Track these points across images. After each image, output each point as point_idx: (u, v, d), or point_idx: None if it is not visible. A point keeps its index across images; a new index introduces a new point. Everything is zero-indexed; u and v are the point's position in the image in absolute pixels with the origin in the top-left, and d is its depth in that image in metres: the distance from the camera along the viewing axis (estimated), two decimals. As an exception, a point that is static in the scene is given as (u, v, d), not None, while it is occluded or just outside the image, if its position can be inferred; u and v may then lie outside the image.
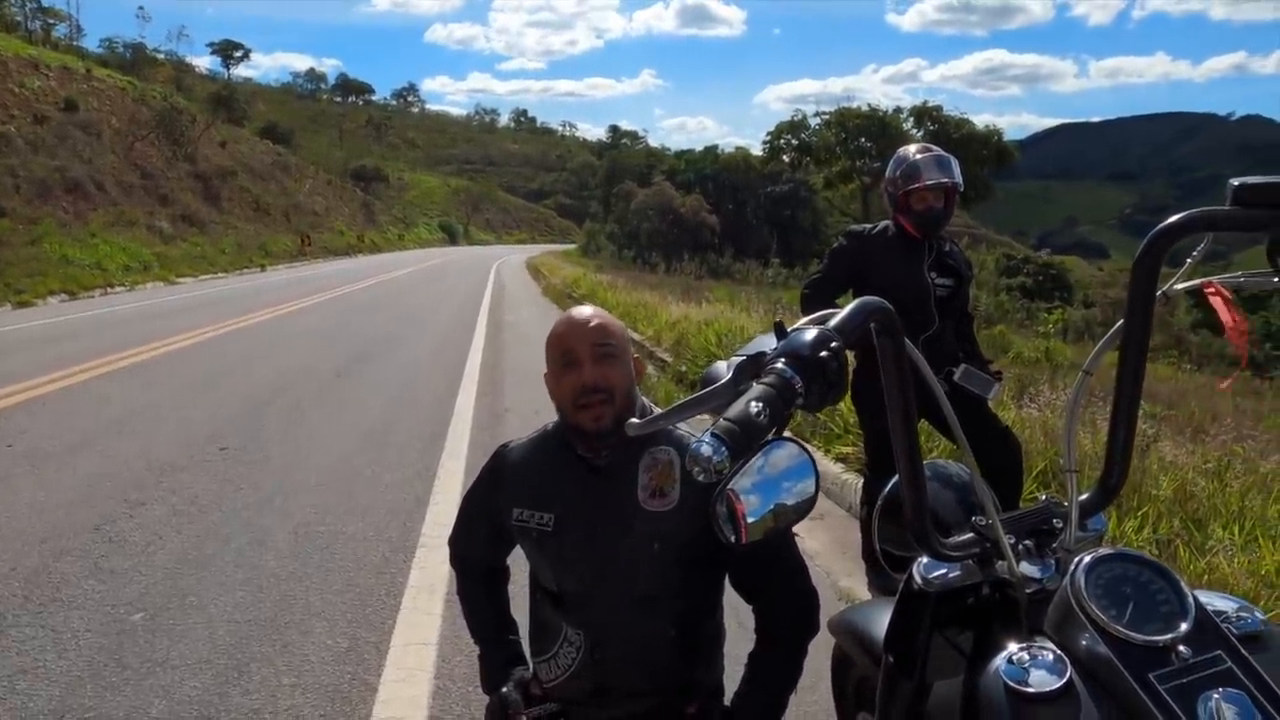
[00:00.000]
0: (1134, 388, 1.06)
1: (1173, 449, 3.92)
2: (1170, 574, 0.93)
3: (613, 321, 1.53)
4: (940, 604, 1.17)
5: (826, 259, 3.33)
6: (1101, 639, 0.88)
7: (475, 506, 1.71)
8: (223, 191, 38.69)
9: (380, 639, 2.73)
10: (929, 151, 3.11)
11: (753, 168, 47.53)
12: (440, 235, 78.54)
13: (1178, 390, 12.17)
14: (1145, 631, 0.87)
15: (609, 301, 13.79)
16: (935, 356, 3.11)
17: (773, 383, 0.78)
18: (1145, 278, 1.01)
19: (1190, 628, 0.87)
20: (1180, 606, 0.89)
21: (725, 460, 0.73)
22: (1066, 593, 0.94)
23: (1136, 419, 1.09)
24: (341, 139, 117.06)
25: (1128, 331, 1.04)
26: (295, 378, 7.62)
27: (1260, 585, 2.48)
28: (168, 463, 4.73)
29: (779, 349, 0.82)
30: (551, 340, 1.51)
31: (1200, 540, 2.92)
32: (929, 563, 1.14)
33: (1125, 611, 0.90)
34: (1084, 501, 1.10)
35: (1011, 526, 1.10)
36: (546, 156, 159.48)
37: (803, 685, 2.23)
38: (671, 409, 0.89)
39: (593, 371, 1.47)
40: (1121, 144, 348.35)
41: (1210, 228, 0.99)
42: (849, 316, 0.88)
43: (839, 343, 0.83)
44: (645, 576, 1.53)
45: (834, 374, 0.80)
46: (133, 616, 2.87)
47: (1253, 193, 0.95)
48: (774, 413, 0.76)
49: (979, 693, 0.94)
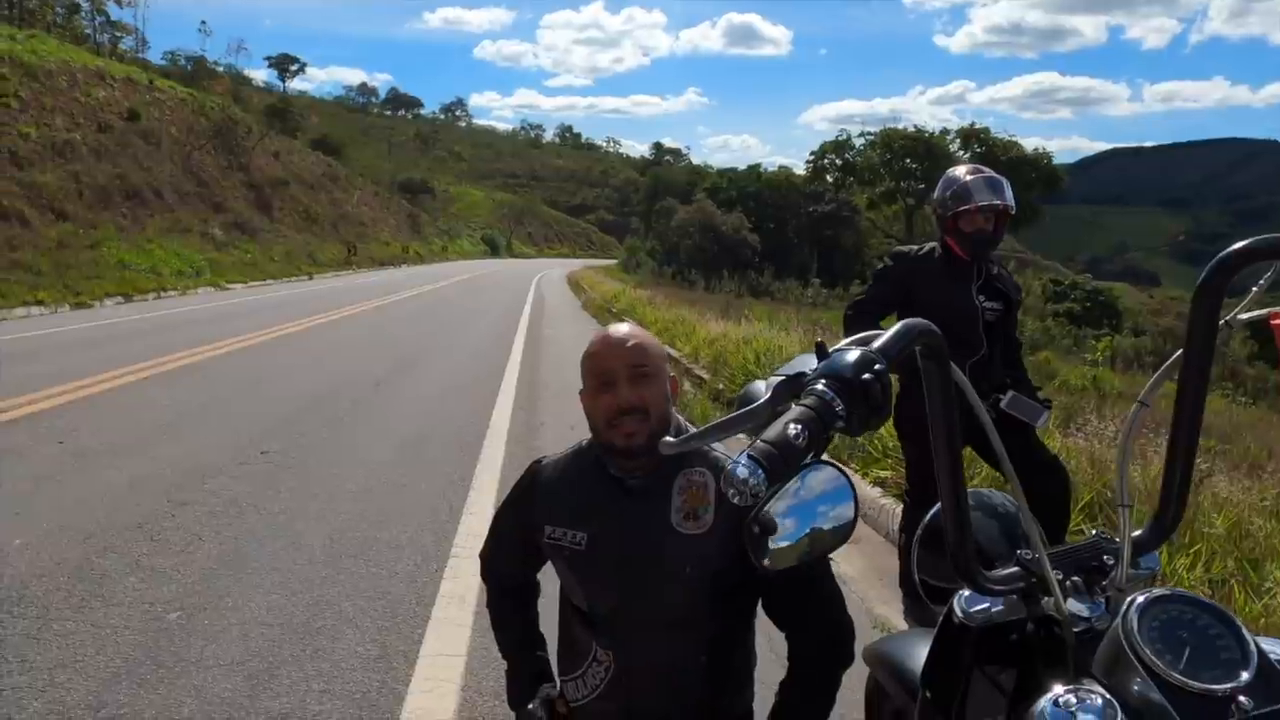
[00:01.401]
0: (1193, 421, 1.01)
1: (1228, 485, 3.77)
2: (1231, 618, 0.88)
3: (649, 340, 1.52)
4: (981, 639, 1.12)
5: (872, 280, 3.29)
6: (1155, 685, 0.84)
7: (507, 522, 1.71)
8: (274, 201, 39.69)
9: (410, 648, 2.74)
10: (980, 173, 3.05)
11: (795, 187, 47.39)
12: (483, 248, 79.57)
13: (1233, 424, 11.78)
14: (1203, 679, 0.83)
15: (647, 318, 13.80)
16: (982, 382, 3.04)
17: (812, 404, 0.75)
18: (1207, 306, 0.97)
19: (1252, 677, 0.82)
20: (1242, 654, 0.85)
21: (762, 483, 0.71)
22: (1118, 634, 0.89)
23: (1195, 454, 1.04)
24: (390, 151, 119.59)
25: (1187, 361, 0.99)
26: (337, 385, 7.73)
27: (1321, 631, 2.36)
28: (211, 465, 4.82)
29: (820, 369, 0.80)
30: (587, 360, 1.50)
31: (1256, 581, 2.80)
32: (970, 596, 1.09)
33: (1181, 657, 0.85)
34: (1137, 538, 1.05)
35: (1059, 561, 1.05)
36: (590, 172, 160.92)
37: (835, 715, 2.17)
38: (707, 428, 0.87)
39: (629, 392, 1.45)
40: (1175, 170, 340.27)
41: (1276, 256, 0.94)
42: (893, 338, 0.85)
43: (883, 365, 0.80)
44: (676, 600, 1.51)
45: (877, 397, 0.78)
46: (170, 615, 2.91)
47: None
48: (813, 435, 0.74)
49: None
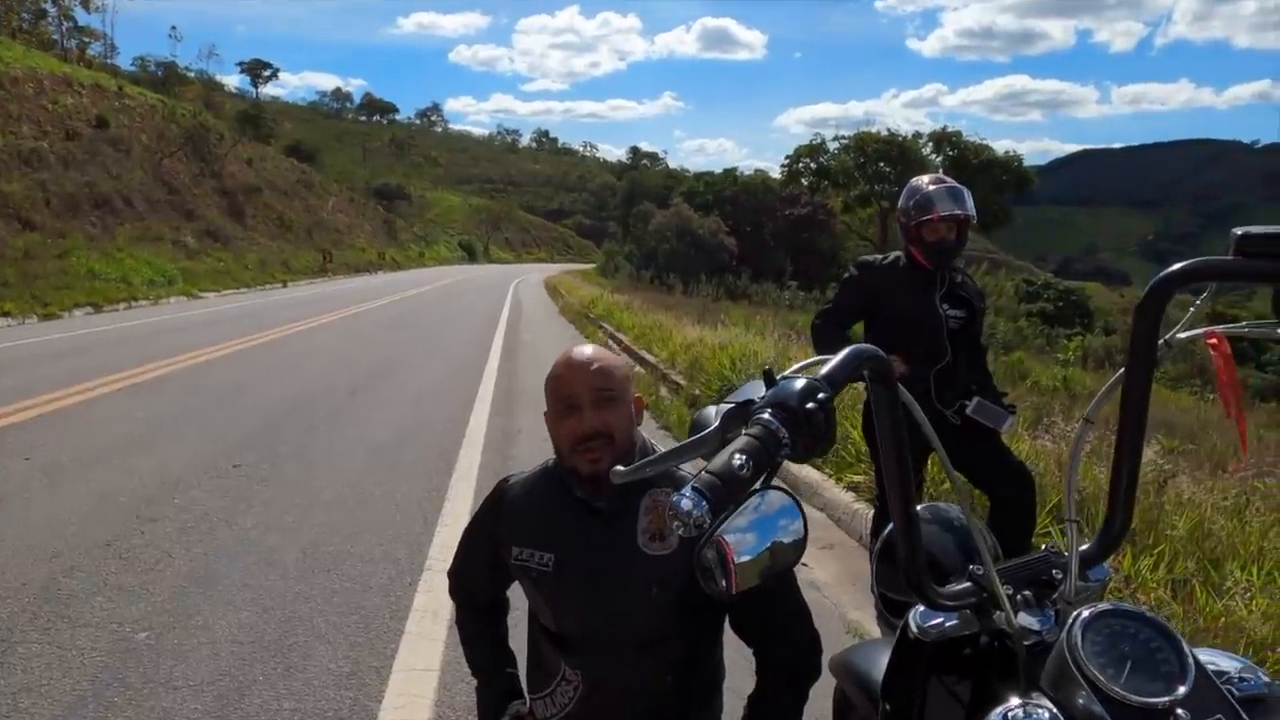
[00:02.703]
0: (1136, 436, 1.03)
1: (1190, 485, 3.85)
2: (1171, 632, 0.90)
3: (614, 362, 1.52)
4: (937, 653, 1.14)
5: (838, 290, 3.32)
6: (1097, 699, 0.86)
7: (475, 540, 1.70)
8: (247, 208, 39.27)
9: (382, 664, 2.72)
10: (942, 183, 3.09)
11: (771, 190, 47.61)
12: (460, 253, 79.16)
13: (1200, 421, 11.99)
14: (1143, 693, 0.85)
15: (624, 323, 13.81)
16: (948, 389, 3.08)
17: (757, 434, 0.77)
18: (1148, 325, 0.99)
19: (1190, 690, 0.85)
20: (1180, 667, 0.87)
21: (705, 514, 0.72)
22: (1063, 648, 0.91)
23: (1139, 467, 1.06)
24: (365, 157, 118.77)
25: (1129, 379, 1.02)
26: (311, 395, 7.67)
27: (1276, 624, 2.42)
28: (181, 479, 4.77)
29: (766, 398, 0.81)
30: (551, 383, 1.50)
31: (1217, 581, 2.85)
32: (925, 611, 1.11)
33: (1123, 671, 0.88)
34: (1085, 552, 1.08)
35: (1010, 576, 1.08)
36: (567, 177, 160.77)
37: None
38: (658, 456, 0.88)
39: (593, 417, 1.45)
40: (1143, 171, 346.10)
41: (1215, 277, 0.97)
42: (839, 365, 0.87)
43: (827, 394, 0.81)
44: (644, 621, 1.51)
45: (820, 426, 0.79)
46: (138, 635, 2.88)
47: (1257, 243, 0.94)
48: (758, 464, 0.75)
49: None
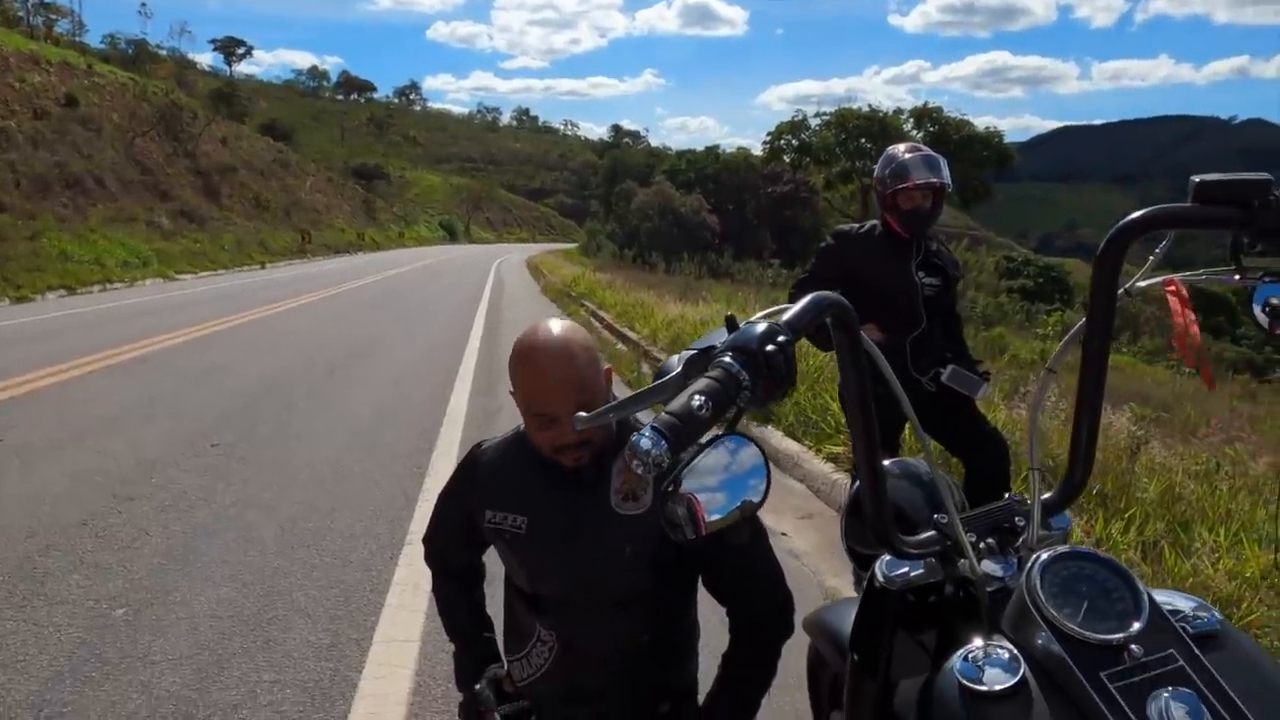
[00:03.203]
0: (1096, 386, 1.05)
1: (1162, 451, 3.91)
2: (1127, 573, 0.92)
3: (584, 360, 1.42)
4: (905, 602, 1.16)
5: (815, 259, 3.33)
6: (1055, 638, 0.88)
7: (449, 506, 1.70)
8: (223, 188, 38.70)
9: (363, 635, 2.73)
10: (918, 151, 3.10)
11: (753, 168, 47.53)
12: (441, 233, 78.55)
13: (1174, 393, 12.17)
14: (1099, 630, 0.87)
15: (607, 301, 13.78)
16: (923, 356, 3.11)
17: (717, 376, 0.77)
18: (1107, 275, 1.00)
19: (1144, 626, 0.86)
20: (1135, 605, 0.89)
21: (664, 453, 0.72)
22: (1022, 591, 0.93)
23: (1099, 417, 1.08)
24: (343, 137, 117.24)
25: (1089, 329, 1.03)
26: (290, 375, 7.61)
27: (1244, 588, 2.47)
28: (158, 459, 4.73)
29: (727, 343, 0.81)
30: (524, 391, 1.43)
31: (1186, 542, 2.91)
32: (891, 560, 1.13)
33: (1080, 610, 0.89)
34: (1047, 500, 1.10)
35: (974, 524, 1.09)
36: (548, 155, 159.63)
37: (784, 685, 2.23)
38: (622, 401, 0.88)
39: (572, 428, 1.41)
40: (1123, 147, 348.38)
41: (1172, 225, 0.98)
42: (801, 311, 0.87)
43: (787, 337, 0.82)
44: (618, 581, 1.52)
45: (780, 368, 0.79)
46: (115, 612, 2.86)
47: (1214, 190, 0.95)
48: (717, 406, 0.75)
49: (934, 690, 0.93)
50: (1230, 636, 0.92)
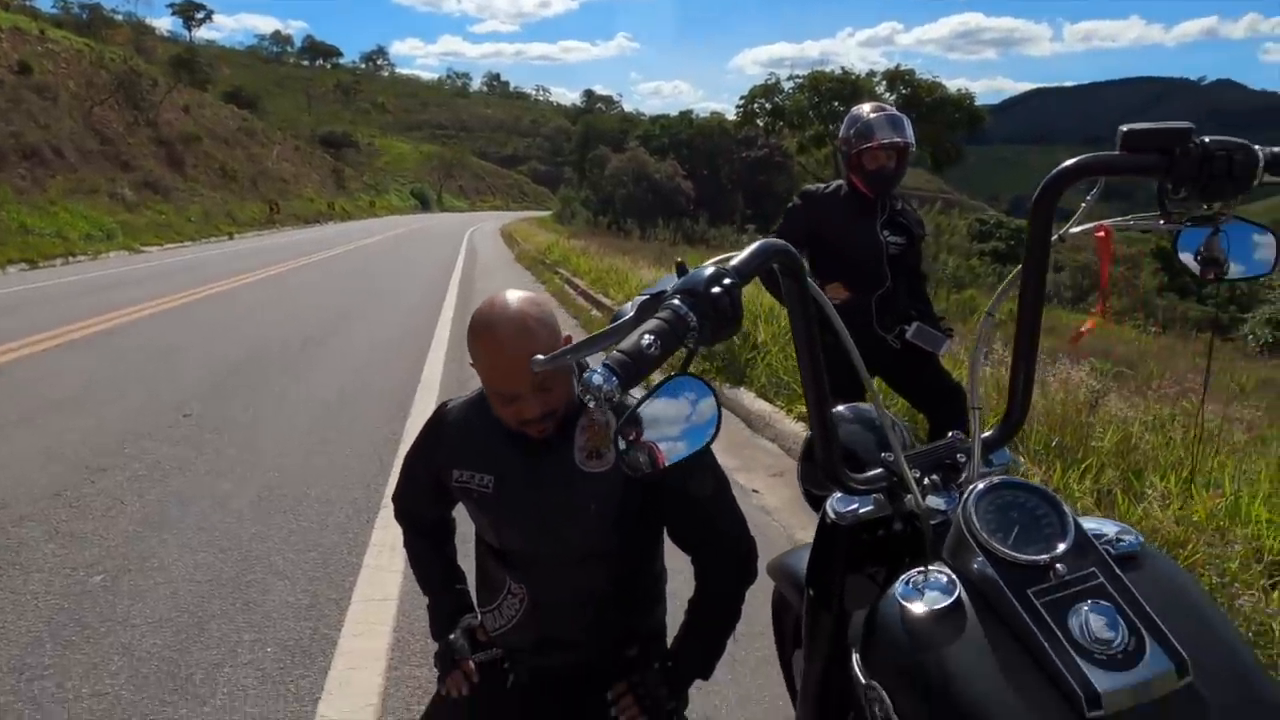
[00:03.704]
0: (1033, 328, 1.10)
1: (1121, 404, 4.03)
2: (1055, 500, 0.98)
3: (542, 334, 1.39)
4: (855, 538, 1.22)
5: (782, 218, 3.37)
6: (989, 561, 0.93)
7: (417, 464, 1.73)
8: (187, 158, 37.81)
9: (341, 595, 2.77)
10: (882, 111, 3.13)
11: (727, 133, 47.27)
12: (412, 202, 77.46)
13: (1139, 351, 12.43)
14: (1027, 552, 0.93)
15: (581, 268, 13.74)
16: (888, 314, 3.17)
17: (666, 317, 0.81)
18: (1042, 221, 1.05)
19: (1068, 548, 0.92)
20: (1062, 529, 0.95)
21: (615, 389, 0.76)
22: (959, 520, 0.99)
23: (1036, 358, 1.14)
24: (309, 104, 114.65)
25: (1025, 274, 1.08)
26: (262, 347, 7.56)
27: (1191, 530, 2.58)
28: (130, 430, 4.70)
29: (676, 286, 0.85)
30: (483, 370, 1.43)
31: (1139, 489, 3.02)
32: (841, 498, 1.19)
33: (1011, 535, 0.95)
34: (987, 438, 1.15)
35: (918, 462, 1.15)
36: (520, 121, 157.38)
37: (754, 631, 2.32)
38: (578, 344, 0.92)
39: (536, 403, 1.42)
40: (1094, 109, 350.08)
41: (1101, 172, 1.03)
42: (749, 257, 0.91)
43: (734, 280, 0.86)
44: (584, 535, 1.56)
45: (726, 309, 0.84)
46: (93, 578, 2.88)
47: (1140, 138, 1.00)
48: (665, 344, 0.80)
49: (878, 614, 0.99)
50: (1150, 557, 0.98)
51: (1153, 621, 0.87)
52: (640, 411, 0.84)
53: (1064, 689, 0.83)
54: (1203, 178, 0.96)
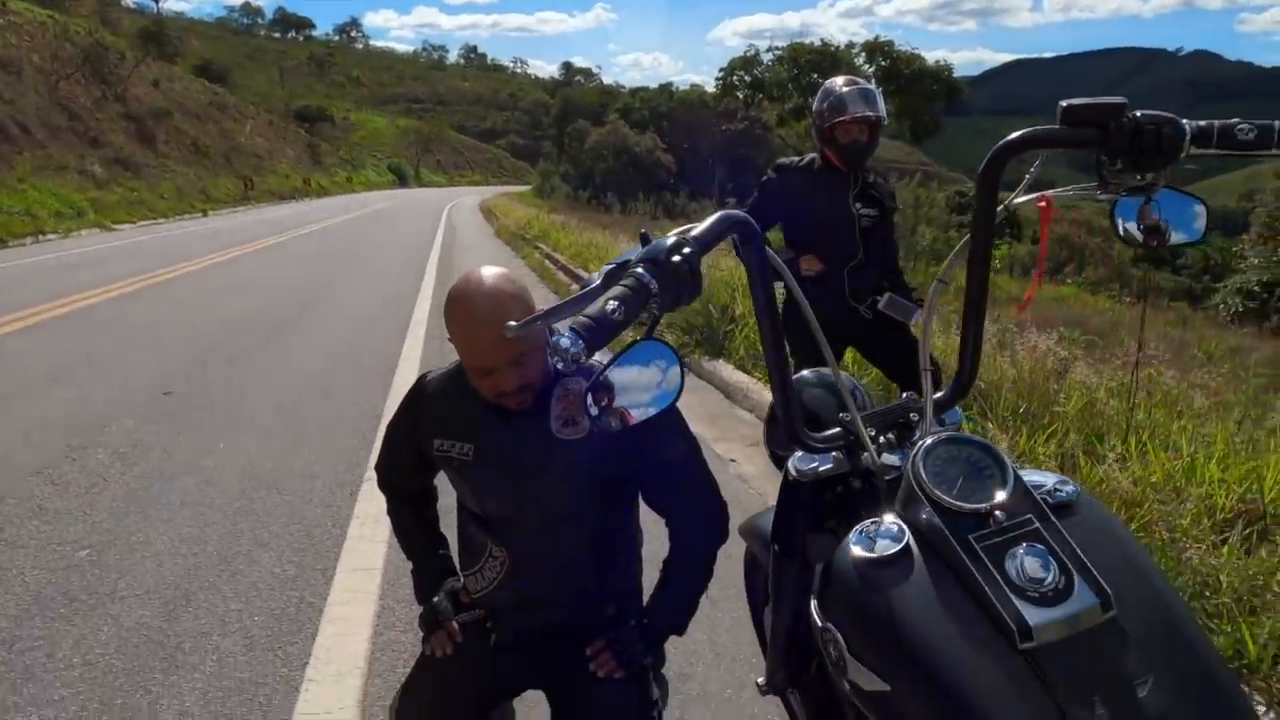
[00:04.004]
0: (980, 295, 1.17)
1: (1087, 372, 4.14)
2: (997, 453, 1.05)
3: (518, 311, 1.41)
4: (817, 495, 1.29)
5: (756, 192, 3.41)
6: (935, 510, 1.00)
7: (398, 434, 1.78)
8: (158, 133, 37.11)
9: (326, 566, 2.83)
10: (854, 85, 3.17)
11: (707, 106, 47.02)
12: (390, 177, 76.50)
13: (1112, 321, 12.64)
14: (970, 501, 1.00)
15: (561, 242, 13.72)
16: (860, 285, 3.24)
17: (630, 285, 0.87)
18: (988, 191, 1.11)
19: (1007, 496, 1.00)
20: (1002, 479, 1.02)
21: (581, 350, 0.82)
22: (909, 473, 1.06)
23: (984, 322, 1.20)
24: (282, 77, 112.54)
25: (974, 241, 1.14)
26: (241, 324, 7.53)
27: (1147, 490, 2.69)
28: (110, 409, 4.70)
29: (639, 255, 0.91)
30: (460, 345, 1.47)
31: (1102, 452, 3.13)
32: (802, 457, 1.25)
33: (955, 486, 1.02)
34: (939, 398, 1.22)
35: (874, 421, 1.21)
36: (498, 95, 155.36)
37: (729, 594, 2.40)
38: (548, 310, 0.97)
39: (513, 376, 1.47)
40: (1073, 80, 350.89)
41: (1043, 145, 1.09)
42: (707, 228, 0.97)
43: (692, 249, 0.91)
44: (561, 500, 1.63)
45: (685, 276, 0.89)
46: (79, 553, 2.91)
47: (1077, 113, 1.05)
48: (629, 309, 0.85)
49: (834, 562, 1.06)
50: (1085, 505, 1.06)
51: (1081, 562, 0.94)
52: (611, 378, 0.90)
53: (999, 623, 0.90)
54: (1135, 150, 1.02)
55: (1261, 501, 2.55)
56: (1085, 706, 0.84)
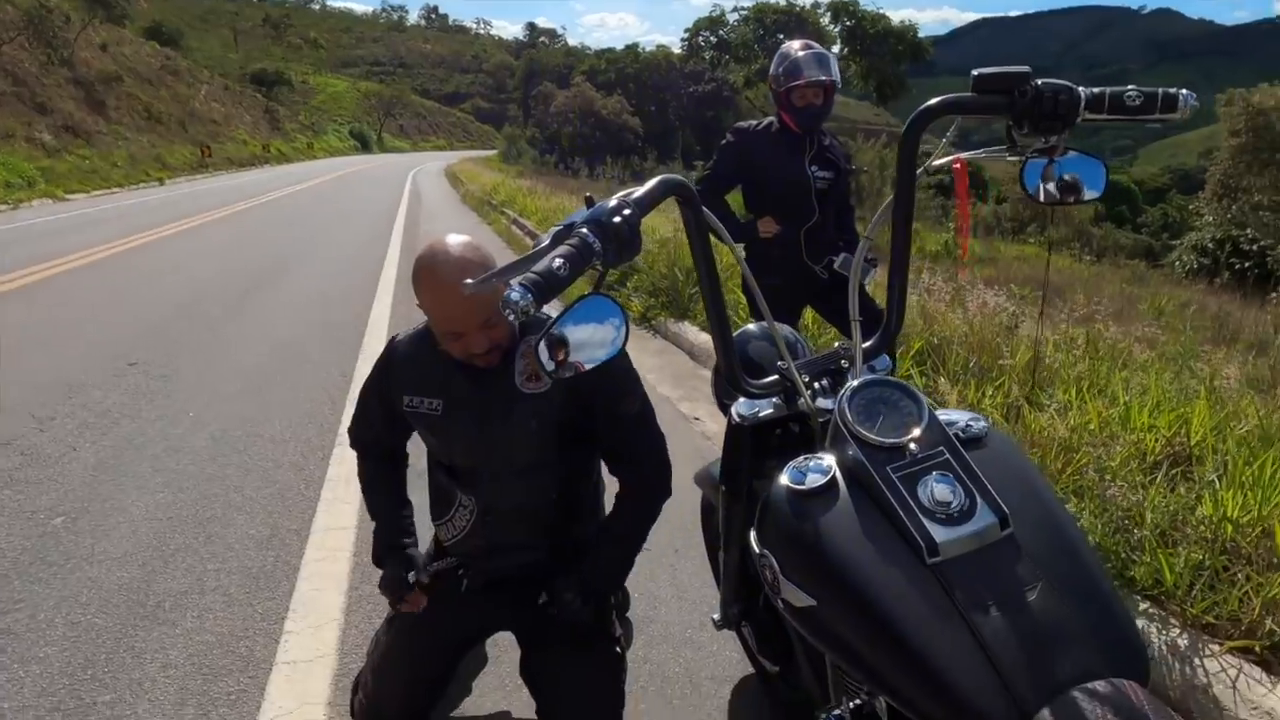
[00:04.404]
0: (904, 248, 1.27)
1: (1034, 326, 4.29)
2: (915, 393, 1.16)
3: (482, 273, 1.51)
4: (760, 438, 1.40)
5: (715, 155, 3.48)
6: (858, 446, 1.11)
7: (371, 394, 1.86)
8: (108, 99, 35.92)
9: (301, 526, 2.91)
10: (809, 49, 3.24)
11: (675, 67, 46.58)
12: (352, 143, 74.90)
13: (1070, 279, 12.93)
14: (889, 436, 1.11)
15: (528, 208, 13.66)
16: (816, 246, 3.34)
17: (574, 244, 0.95)
18: (908, 153, 1.21)
19: (922, 431, 1.11)
20: (919, 417, 1.13)
21: (530, 303, 0.91)
22: (836, 414, 1.16)
23: (907, 276, 1.31)
24: (236, 40, 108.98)
25: (896, 203, 1.24)
26: (205, 294, 7.46)
27: (1083, 436, 2.84)
28: (75, 380, 4.69)
29: (584, 217, 0.99)
30: (428, 310, 1.55)
31: (1045, 402, 3.28)
32: (745, 403, 1.36)
33: (877, 423, 1.13)
34: (868, 347, 1.33)
35: (809, 369, 1.32)
36: (460, 57, 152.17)
37: (691, 543, 2.53)
38: (501, 269, 1.05)
39: (481, 338, 1.55)
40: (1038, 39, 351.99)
41: (957, 111, 1.18)
42: (648, 190, 1.05)
43: (632, 210, 1.00)
44: (526, 450, 1.73)
45: (626, 235, 0.98)
46: (54, 520, 2.96)
47: (986, 81, 1.15)
48: (574, 266, 0.94)
49: (769, 495, 1.17)
50: (993, 439, 1.17)
51: (984, 487, 1.06)
52: (563, 332, 0.99)
53: (911, 542, 1.02)
54: (1037, 115, 1.12)
55: (1187, 444, 2.72)
56: (981, 610, 0.96)
